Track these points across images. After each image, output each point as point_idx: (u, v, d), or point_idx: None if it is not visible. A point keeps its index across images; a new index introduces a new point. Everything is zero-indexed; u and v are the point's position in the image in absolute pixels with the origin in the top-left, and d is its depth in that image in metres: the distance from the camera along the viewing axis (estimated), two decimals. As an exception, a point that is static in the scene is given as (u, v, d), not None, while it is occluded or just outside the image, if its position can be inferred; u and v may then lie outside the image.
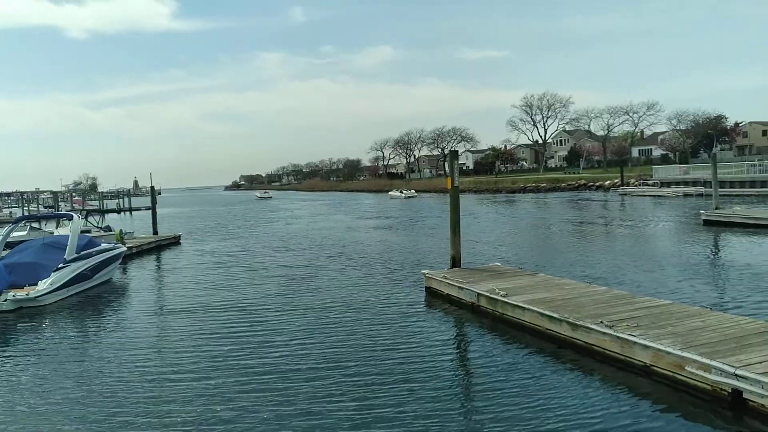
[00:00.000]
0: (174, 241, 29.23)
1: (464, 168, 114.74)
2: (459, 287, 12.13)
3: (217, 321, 11.87)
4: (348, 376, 8.10)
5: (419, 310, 12.19)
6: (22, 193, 76.81)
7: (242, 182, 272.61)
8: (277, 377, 8.13)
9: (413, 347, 9.40)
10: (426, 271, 14.07)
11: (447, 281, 12.70)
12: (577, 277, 14.07)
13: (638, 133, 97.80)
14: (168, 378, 8.35)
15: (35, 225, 24.61)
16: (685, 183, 53.45)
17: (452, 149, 19.26)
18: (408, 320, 11.22)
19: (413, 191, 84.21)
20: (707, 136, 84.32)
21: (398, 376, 7.97)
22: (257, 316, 12.16)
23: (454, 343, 10.07)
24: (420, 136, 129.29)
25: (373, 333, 10.35)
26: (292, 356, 9.13)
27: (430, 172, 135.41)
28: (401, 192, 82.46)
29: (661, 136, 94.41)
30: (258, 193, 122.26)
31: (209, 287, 15.97)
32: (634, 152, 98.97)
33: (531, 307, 9.80)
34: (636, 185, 60.32)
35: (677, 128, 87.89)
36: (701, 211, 27.50)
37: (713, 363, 6.60)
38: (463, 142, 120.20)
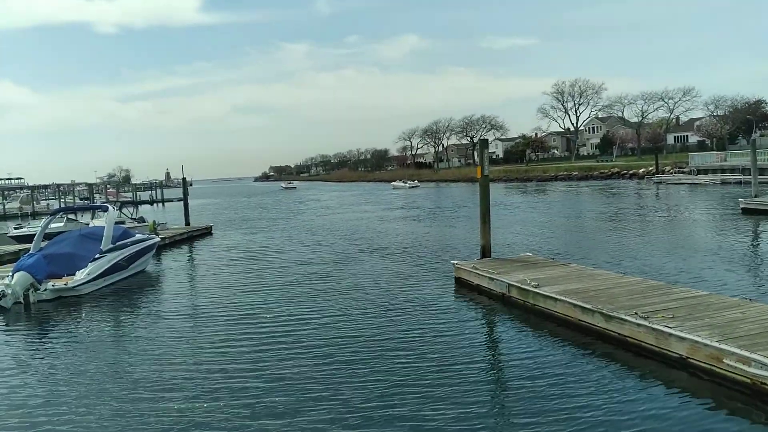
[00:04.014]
0: (206, 232, 29.69)
1: (494, 157, 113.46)
2: (489, 278, 12.03)
3: (249, 311, 12.01)
4: (378, 366, 8.10)
5: (449, 300, 12.14)
6: (58, 186, 79.10)
7: (272, 173, 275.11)
8: (306, 368, 8.18)
9: (443, 338, 9.37)
10: (455, 262, 13.99)
11: (477, 272, 12.60)
12: (611, 267, 13.83)
13: (673, 120, 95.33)
14: (199, 368, 8.48)
15: (72, 216, 25.26)
16: (723, 170, 52.01)
17: (482, 138, 19.00)
18: (437, 311, 11.18)
19: (416, 181, 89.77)
20: (746, 122, 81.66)
21: (428, 367, 7.95)
22: (288, 306, 12.26)
23: (484, 334, 10.00)
24: (449, 125, 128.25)
25: (403, 324, 10.34)
26: (322, 347, 9.18)
27: (459, 161, 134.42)
28: (404, 182, 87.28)
29: (697, 123, 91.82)
30: (283, 184, 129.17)
31: (241, 278, 16.17)
32: (670, 139, 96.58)
33: (563, 298, 9.66)
34: (671, 173, 58.92)
35: (714, 114, 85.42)
36: (740, 200, 26.73)
37: (753, 356, 6.40)
38: (492, 131, 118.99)
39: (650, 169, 63.91)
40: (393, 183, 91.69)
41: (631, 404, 6.43)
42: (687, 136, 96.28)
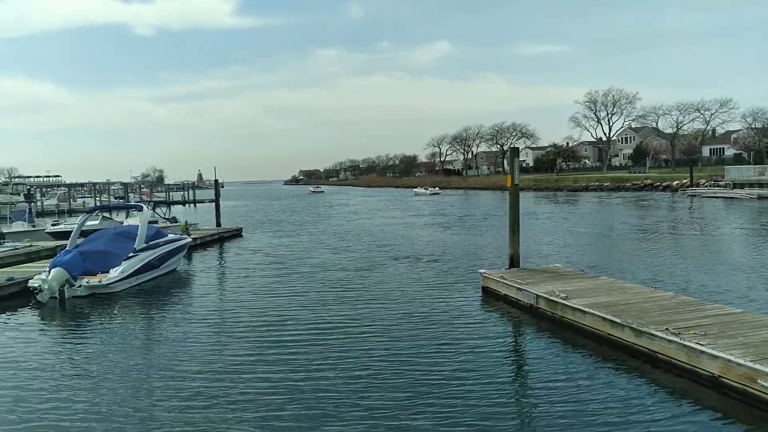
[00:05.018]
0: (236, 234, 30.10)
1: (524, 165, 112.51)
2: (517, 288, 11.95)
3: (276, 315, 12.14)
4: (403, 376, 8.12)
5: (475, 310, 12.09)
6: (94, 184, 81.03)
7: (301, 177, 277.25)
8: (331, 376, 8.23)
9: (469, 348, 9.34)
10: (483, 271, 13.93)
11: (505, 281, 12.53)
12: (642, 281, 13.60)
13: (709, 132, 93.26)
14: (224, 371, 8.60)
15: (107, 215, 25.87)
16: (761, 184, 50.68)
17: (513, 146, 18.91)
18: (464, 320, 11.15)
19: (437, 188, 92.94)
20: (786, 136, 79.40)
21: (453, 377, 7.95)
22: (314, 312, 12.36)
23: (510, 346, 9.94)
24: (478, 132, 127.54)
25: (429, 333, 10.34)
26: (347, 354, 9.24)
27: (488, 168, 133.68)
28: (426, 189, 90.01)
29: (734, 135, 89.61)
30: (311, 188, 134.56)
31: (269, 281, 16.35)
32: (705, 151, 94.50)
33: (592, 311, 9.55)
34: (706, 186, 57.64)
35: (752, 127, 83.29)
36: (778, 215, 26.03)
37: (789, 377, 6.25)
38: (523, 139, 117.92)
39: (684, 181, 62.62)
40: (415, 189, 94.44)
41: (660, 423, 6.33)
42: (723, 148, 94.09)
